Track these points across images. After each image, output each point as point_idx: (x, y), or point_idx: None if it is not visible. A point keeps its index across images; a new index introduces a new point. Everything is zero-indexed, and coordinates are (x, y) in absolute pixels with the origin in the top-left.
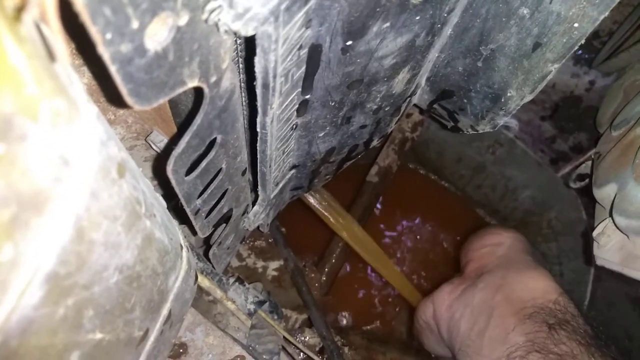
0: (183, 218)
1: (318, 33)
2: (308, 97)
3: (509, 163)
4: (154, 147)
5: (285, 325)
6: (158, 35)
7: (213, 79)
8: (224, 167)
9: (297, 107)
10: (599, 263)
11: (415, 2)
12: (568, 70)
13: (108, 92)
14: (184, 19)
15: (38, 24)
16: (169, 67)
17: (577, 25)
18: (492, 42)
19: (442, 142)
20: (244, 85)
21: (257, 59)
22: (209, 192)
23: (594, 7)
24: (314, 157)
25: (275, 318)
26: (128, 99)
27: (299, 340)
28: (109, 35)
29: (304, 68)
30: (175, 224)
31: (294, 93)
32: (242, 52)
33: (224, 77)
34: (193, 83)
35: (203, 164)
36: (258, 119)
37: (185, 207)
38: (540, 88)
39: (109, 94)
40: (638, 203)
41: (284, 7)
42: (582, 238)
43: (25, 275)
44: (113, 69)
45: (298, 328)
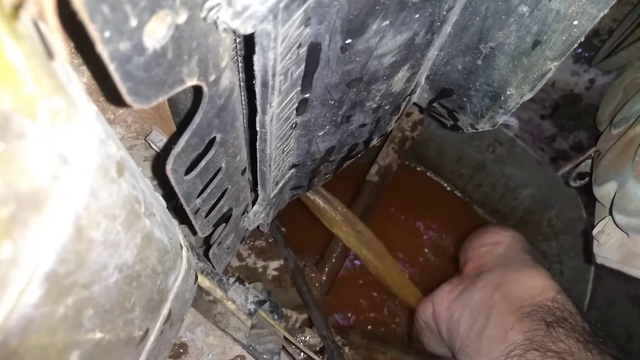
0: (183, 218)
1: (317, 31)
2: (307, 95)
3: (509, 162)
4: (154, 146)
5: (286, 325)
6: (157, 34)
7: (212, 78)
8: (224, 166)
9: (296, 105)
10: (599, 261)
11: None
12: (568, 69)
13: (107, 91)
14: (183, 17)
15: (36, 22)
16: (168, 65)
17: (576, 23)
18: (491, 40)
19: (442, 140)
20: (244, 84)
21: (256, 57)
22: (209, 191)
23: (594, 4)
24: (314, 156)
25: (276, 318)
26: (127, 98)
27: (299, 340)
28: (108, 34)
29: (303, 66)
30: (175, 224)
31: (294, 92)
32: (241, 50)
33: (223, 75)
34: (192, 81)
35: (202, 163)
36: (257, 118)
37: (185, 206)
38: (540, 86)
39: (108, 93)
40: (638, 201)
41: (283, 5)
42: (582, 236)
43: (25, 274)
44: (112, 68)
45: (298, 328)
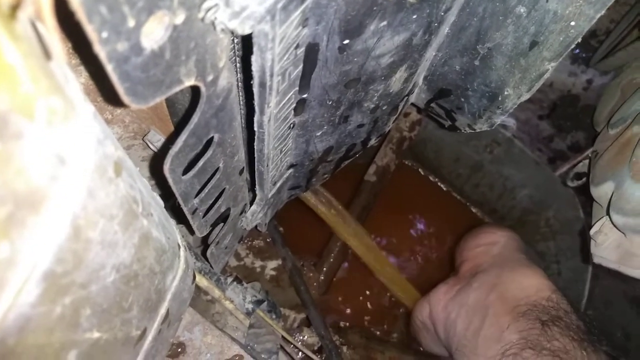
0: (181, 217)
1: (315, 32)
2: (305, 96)
3: (507, 162)
4: (151, 146)
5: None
6: (154, 34)
7: (210, 78)
8: (221, 166)
9: (294, 106)
10: (597, 261)
11: (412, 0)
12: (565, 69)
13: (105, 91)
14: (181, 18)
15: (33, 22)
16: (166, 65)
17: (573, 24)
18: (489, 40)
19: (439, 141)
20: (241, 84)
21: (254, 58)
22: (206, 191)
23: (591, 5)
24: (312, 156)
25: (274, 317)
26: (125, 98)
27: (298, 340)
28: (105, 34)
29: (301, 67)
30: (173, 224)
31: (291, 92)
32: (239, 50)
33: (221, 75)
34: (190, 82)
35: (200, 163)
36: (255, 118)
37: (183, 206)
38: (538, 86)
39: (106, 94)
40: (635, 201)
41: (281, 5)
42: (579, 236)
43: (22, 274)
44: (109, 68)
45: (296, 327)
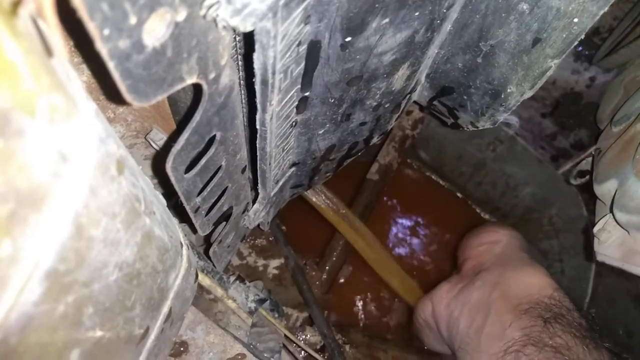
0: (183, 216)
1: (317, 29)
2: (307, 94)
3: (510, 160)
4: (154, 145)
5: (286, 324)
6: (156, 31)
7: (212, 76)
8: (224, 164)
9: (296, 104)
10: (600, 259)
11: None
12: (568, 67)
13: (107, 89)
14: (182, 15)
15: (35, 19)
16: (168, 63)
17: (576, 21)
18: (491, 38)
19: (442, 139)
20: (243, 82)
21: (256, 55)
22: (209, 189)
23: (594, 2)
24: (314, 154)
25: (276, 316)
26: (126, 96)
27: (300, 339)
28: (107, 31)
29: (303, 64)
30: (175, 222)
31: (293, 90)
32: (241, 48)
33: (223, 73)
34: (192, 79)
35: (202, 162)
36: (257, 116)
37: (185, 204)
38: (540, 84)
39: (108, 92)
40: (638, 199)
41: (283, 2)
42: (583, 234)
43: (25, 272)
44: (111, 65)
45: (299, 326)
